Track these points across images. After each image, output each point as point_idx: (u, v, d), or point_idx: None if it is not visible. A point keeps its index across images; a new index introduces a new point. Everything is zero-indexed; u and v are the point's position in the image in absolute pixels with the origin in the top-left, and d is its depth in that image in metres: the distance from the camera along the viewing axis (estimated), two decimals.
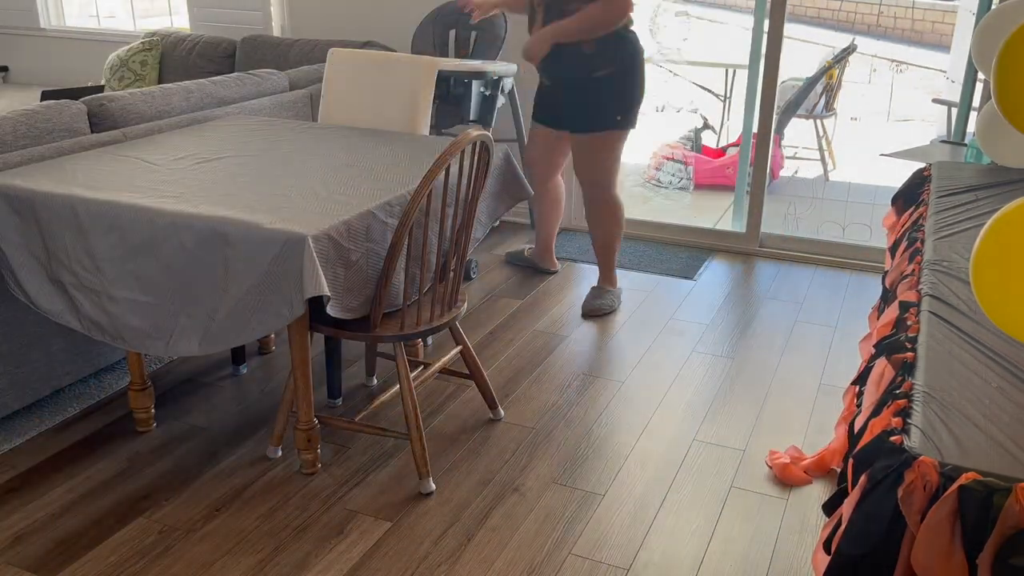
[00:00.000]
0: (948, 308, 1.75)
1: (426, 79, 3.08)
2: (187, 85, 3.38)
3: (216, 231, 2.13)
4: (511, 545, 2.21)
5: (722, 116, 6.74)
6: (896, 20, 10.77)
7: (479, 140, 2.28)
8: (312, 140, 2.91)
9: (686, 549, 2.21)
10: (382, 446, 2.62)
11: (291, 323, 2.31)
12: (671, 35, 7.19)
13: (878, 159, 6.27)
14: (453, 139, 2.34)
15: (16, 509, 2.33)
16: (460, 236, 2.45)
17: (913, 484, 1.20)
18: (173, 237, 2.18)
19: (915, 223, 2.41)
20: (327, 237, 2.11)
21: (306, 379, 2.36)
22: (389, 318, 2.39)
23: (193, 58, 4.75)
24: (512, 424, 2.75)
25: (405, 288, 2.36)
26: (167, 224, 2.18)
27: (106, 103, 3.03)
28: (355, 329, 2.32)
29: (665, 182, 5.45)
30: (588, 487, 2.45)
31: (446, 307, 2.45)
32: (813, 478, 2.49)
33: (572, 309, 3.60)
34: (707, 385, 3.01)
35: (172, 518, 2.30)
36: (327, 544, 2.20)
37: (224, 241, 2.13)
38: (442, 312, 2.43)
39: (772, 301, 3.71)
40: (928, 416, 1.34)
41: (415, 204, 2.16)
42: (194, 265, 2.19)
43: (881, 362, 1.63)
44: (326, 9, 4.78)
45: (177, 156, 2.69)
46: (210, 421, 2.75)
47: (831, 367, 3.15)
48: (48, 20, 5.79)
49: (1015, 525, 1.15)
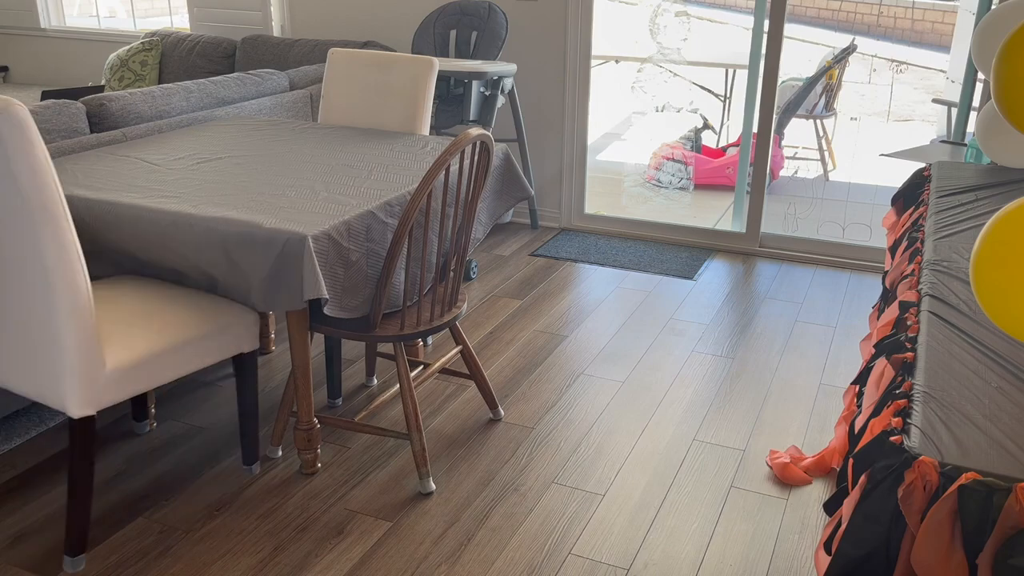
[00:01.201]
0: (948, 308, 1.75)
1: (426, 79, 3.08)
2: (187, 85, 3.38)
3: (216, 231, 2.13)
4: (511, 545, 2.21)
5: (722, 116, 6.74)
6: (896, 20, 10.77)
7: (479, 140, 2.28)
8: (312, 140, 2.91)
9: (686, 549, 2.21)
10: (382, 446, 2.62)
11: (291, 323, 2.31)
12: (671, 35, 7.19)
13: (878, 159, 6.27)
14: (453, 139, 2.34)
15: (16, 509, 2.33)
16: (460, 236, 2.45)
17: (913, 484, 1.20)
18: (174, 237, 2.18)
19: (915, 223, 2.41)
20: (327, 237, 2.11)
21: (306, 379, 2.36)
22: (388, 318, 2.39)
23: (193, 58, 4.75)
24: (512, 424, 2.75)
25: (406, 288, 2.36)
26: (168, 224, 2.18)
27: (106, 103, 3.03)
28: (355, 329, 2.32)
29: (665, 182, 5.45)
30: (588, 487, 2.45)
31: (446, 307, 2.45)
32: (813, 478, 2.49)
33: (572, 309, 3.60)
34: (707, 385, 3.01)
35: (172, 518, 2.30)
36: (327, 544, 2.20)
37: (224, 241, 2.13)
38: (442, 312, 2.43)
39: (772, 301, 3.71)
40: (928, 416, 1.34)
41: (415, 204, 2.16)
42: (196, 265, 2.19)
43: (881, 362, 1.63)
44: (326, 9, 4.78)
45: (177, 156, 2.69)
46: (210, 421, 2.75)
47: (831, 367, 3.15)
48: (48, 20, 5.79)
49: (1015, 525, 1.15)
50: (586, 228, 4.55)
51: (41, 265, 1.81)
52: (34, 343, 1.91)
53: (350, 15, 4.72)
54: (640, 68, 7.99)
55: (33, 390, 1.98)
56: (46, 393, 1.95)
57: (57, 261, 1.81)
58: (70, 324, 1.85)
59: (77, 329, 1.87)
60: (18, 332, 1.93)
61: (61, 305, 1.83)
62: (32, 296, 1.86)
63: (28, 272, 1.83)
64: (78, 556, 2.07)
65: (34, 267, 1.81)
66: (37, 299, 1.85)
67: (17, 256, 1.83)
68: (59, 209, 1.79)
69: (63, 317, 1.84)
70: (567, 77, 4.30)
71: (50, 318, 1.85)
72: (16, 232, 1.80)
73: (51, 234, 1.79)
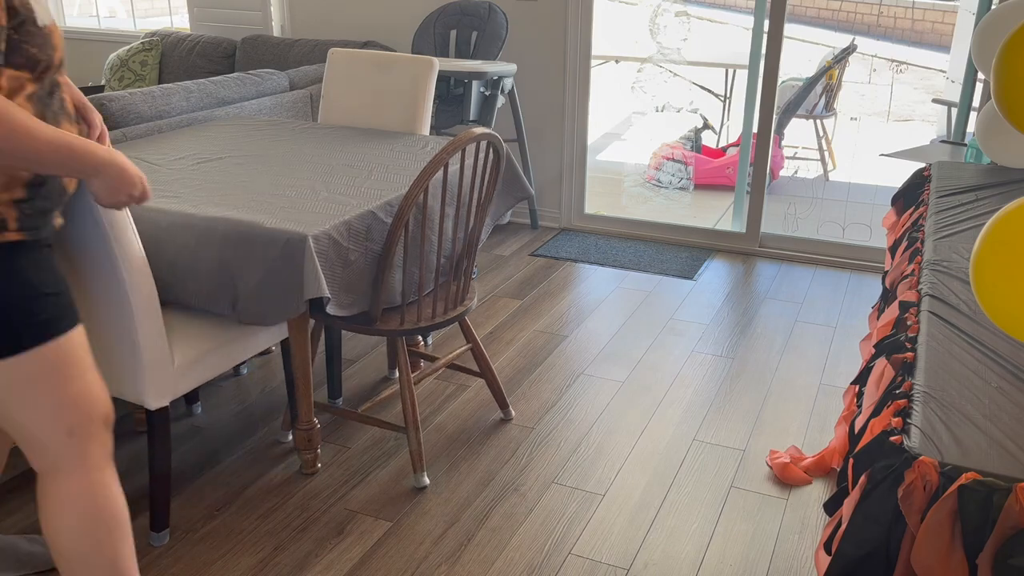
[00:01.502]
0: (948, 308, 1.75)
1: (426, 79, 3.08)
2: (187, 85, 3.38)
3: (217, 231, 2.13)
4: (511, 545, 2.21)
5: (722, 116, 6.74)
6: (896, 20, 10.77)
7: (486, 140, 2.28)
8: (312, 140, 2.91)
9: (686, 549, 2.21)
10: (382, 446, 2.63)
11: (291, 323, 2.31)
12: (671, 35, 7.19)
13: (878, 159, 6.27)
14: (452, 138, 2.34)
15: (16, 509, 2.33)
16: (473, 234, 2.45)
17: (913, 484, 1.20)
18: (175, 237, 2.18)
19: (915, 223, 2.41)
20: (327, 237, 2.11)
21: (306, 379, 2.36)
22: (391, 313, 2.39)
23: (193, 58, 4.75)
24: (512, 424, 2.75)
25: (404, 287, 2.36)
26: (168, 224, 2.18)
27: (106, 103, 3.03)
28: (356, 323, 2.32)
29: (665, 182, 5.45)
30: (588, 487, 2.45)
31: (450, 304, 2.45)
32: (813, 478, 2.49)
33: (572, 309, 3.60)
34: (707, 385, 3.01)
35: (172, 518, 2.29)
36: (327, 544, 2.20)
37: (225, 241, 2.13)
38: (445, 309, 2.43)
39: (772, 301, 3.71)
40: (928, 416, 1.34)
41: (410, 201, 2.16)
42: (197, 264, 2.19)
43: (881, 362, 1.63)
44: (326, 9, 4.78)
45: (177, 156, 2.69)
46: (210, 421, 2.75)
47: (831, 367, 3.15)
48: None
49: (1015, 525, 1.15)
50: (586, 228, 4.55)
51: (116, 276, 1.95)
52: (111, 345, 2.07)
53: (350, 15, 4.73)
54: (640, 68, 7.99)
55: (112, 388, 2.14)
56: (124, 390, 2.12)
57: (131, 270, 1.95)
58: (144, 326, 2.02)
59: (150, 330, 2.04)
60: (97, 337, 2.09)
61: (136, 309, 1.99)
62: (108, 303, 2.01)
63: (105, 283, 1.98)
64: (163, 531, 2.21)
65: (111, 278, 1.96)
66: (113, 306, 2.01)
67: (95, 270, 1.98)
68: (126, 224, 1.92)
69: (138, 320, 2.00)
70: (567, 77, 4.30)
71: (127, 322, 2.01)
72: (95, 248, 1.94)
73: (123, 247, 1.92)
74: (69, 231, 1.93)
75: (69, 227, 1.92)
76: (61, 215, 1.63)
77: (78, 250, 1.96)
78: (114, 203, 1.62)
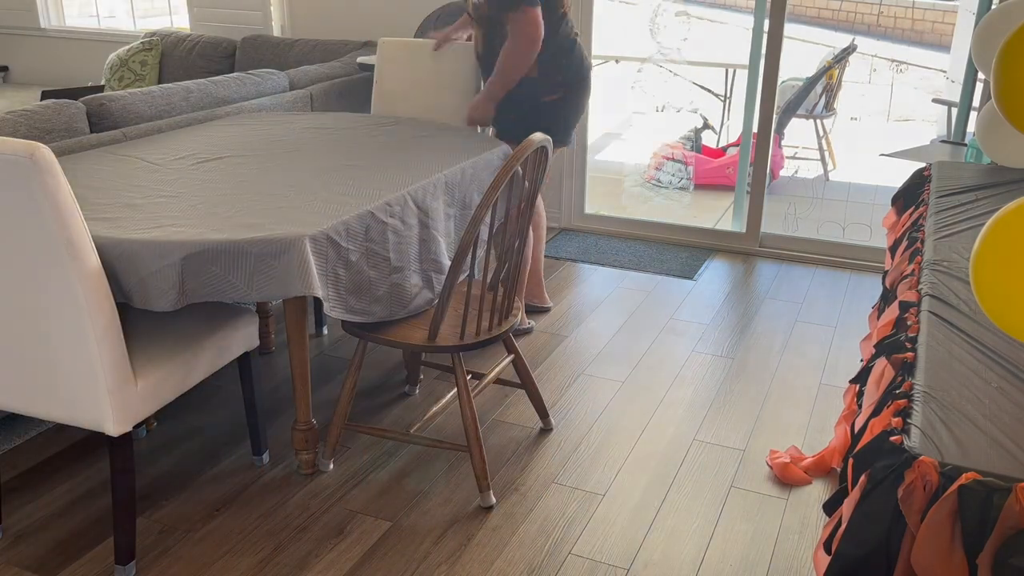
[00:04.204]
0: (948, 308, 1.75)
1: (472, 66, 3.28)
2: (187, 85, 3.38)
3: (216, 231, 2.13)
4: (511, 545, 2.21)
5: (722, 116, 6.74)
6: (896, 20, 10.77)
7: (545, 145, 2.26)
8: (312, 139, 2.91)
9: (686, 549, 2.21)
10: (382, 446, 2.62)
11: (291, 323, 2.31)
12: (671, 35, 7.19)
13: (878, 159, 6.27)
14: (519, 145, 2.26)
15: (16, 509, 2.33)
16: (520, 243, 2.38)
17: (913, 484, 1.20)
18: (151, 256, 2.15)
19: (915, 223, 2.41)
20: (325, 237, 2.11)
21: (305, 379, 2.36)
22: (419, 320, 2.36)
23: (193, 58, 4.75)
24: (512, 424, 2.75)
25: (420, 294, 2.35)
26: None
27: (106, 103, 3.03)
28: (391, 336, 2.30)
29: (665, 182, 5.45)
30: (588, 487, 2.45)
31: (502, 317, 2.40)
32: (813, 478, 2.49)
33: (572, 309, 3.60)
34: (707, 385, 3.01)
35: (172, 518, 2.30)
36: (327, 544, 2.20)
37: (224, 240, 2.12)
38: (499, 322, 2.38)
39: (772, 301, 3.71)
40: (928, 416, 1.34)
41: (481, 214, 2.10)
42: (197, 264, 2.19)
43: (881, 362, 1.63)
44: (326, 9, 4.78)
45: (177, 156, 2.69)
46: (210, 421, 2.75)
47: (831, 367, 3.15)
48: (48, 20, 5.79)
49: (1015, 525, 1.15)
50: (586, 228, 4.55)
51: (71, 296, 1.84)
52: (66, 370, 1.95)
53: (350, 15, 4.72)
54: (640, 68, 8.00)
55: (65, 414, 2.01)
56: (79, 416, 1.99)
57: (86, 290, 1.85)
58: (102, 349, 1.90)
59: (109, 353, 1.91)
60: (48, 361, 1.96)
61: (92, 332, 1.88)
62: (62, 326, 1.90)
63: (57, 304, 1.87)
64: (128, 564, 2.09)
65: (62, 298, 1.86)
66: (67, 328, 1.89)
67: (46, 289, 1.87)
68: (85, 242, 1.83)
69: (94, 343, 1.88)
70: None
71: (82, 345, 1.89)
72: (45, 266, 1.84)
73: (79, 266, 1.83)
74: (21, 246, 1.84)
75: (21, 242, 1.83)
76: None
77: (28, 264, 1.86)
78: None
